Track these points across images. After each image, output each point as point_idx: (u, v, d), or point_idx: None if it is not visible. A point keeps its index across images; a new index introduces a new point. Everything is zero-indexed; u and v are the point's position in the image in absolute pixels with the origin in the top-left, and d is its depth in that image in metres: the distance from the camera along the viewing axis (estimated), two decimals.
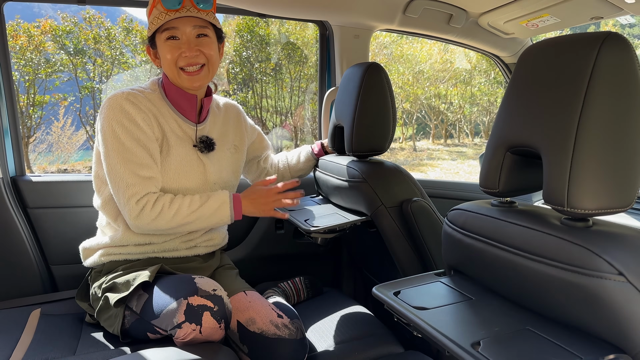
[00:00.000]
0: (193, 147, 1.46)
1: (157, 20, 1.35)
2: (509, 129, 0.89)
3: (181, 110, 1.47)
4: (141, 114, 1.37)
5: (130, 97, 1.37)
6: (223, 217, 1.39)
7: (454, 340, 0.78)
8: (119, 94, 1.38)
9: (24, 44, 8.01)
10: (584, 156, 0.74)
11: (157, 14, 1.35)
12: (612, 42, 0.75)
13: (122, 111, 1.35)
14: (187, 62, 1.37)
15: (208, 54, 1.40)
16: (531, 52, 0.89)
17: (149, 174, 1.35)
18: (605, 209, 0.75)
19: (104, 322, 1.39)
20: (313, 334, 1.60)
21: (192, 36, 1.37)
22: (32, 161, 8.38)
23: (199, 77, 1.40)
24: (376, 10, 1.99)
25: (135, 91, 1.41)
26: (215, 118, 1.58)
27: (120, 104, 1.35)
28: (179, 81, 1.41)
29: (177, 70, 1.39)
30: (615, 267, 0.70)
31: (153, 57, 1.45)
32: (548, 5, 1.72)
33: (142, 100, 1.39)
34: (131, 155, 1.33)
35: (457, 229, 1.00)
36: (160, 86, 1.48)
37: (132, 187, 1.32)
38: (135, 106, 1.36)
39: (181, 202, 1.36)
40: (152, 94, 1.45)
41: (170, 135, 1.43)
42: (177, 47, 1.37)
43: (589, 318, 0.75)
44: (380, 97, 1.54)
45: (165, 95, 1.47)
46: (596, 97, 0.74)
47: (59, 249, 1.84)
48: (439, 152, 12.30)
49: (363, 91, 1.54)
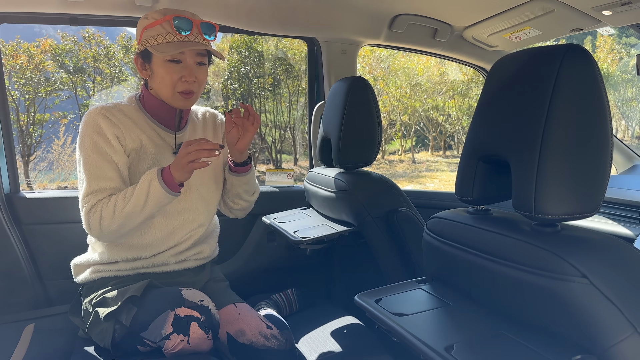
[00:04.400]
0: (173, 154, 1.48)
1: (162, 39, 1.35)
2: (480, 139, 0.92)
3: (159, 120, 1.48)
4: (112, 127, 1.38)
5: (104, 111, 1.40)
6: (159, 194, 1.30)
7: (428, 344, 0.80)
8: (94, 109, 1.41)
9: (24, 63, 8.10)
10: (549, 164, 0.77)
11: (162, 32, 1.35)
12: (573, 54, 0.79)
13: (94, 126, 1.38)
14: (184, 88, 1.39)
15: (200, 80, 1.42)
16: (501, 64, 0.93)
17: (109, 185, 1.36)
18: (571, 215, 0.78)
19: (95, 337, 1.40)
20: (304, 344, 1.61)
21: (193, 63, 1.39)
22: (33, 179, 8.41)
23: (191, 99, 1.43)
24: (362, 26, 2.04)
25: (110, 105, 1.44)
26: (195, 126, 1.58)
27: (94, 119, 1.38)
28: (171, 101, 1.42)
29: (173, 92, 1.40)
30: (579, 270, 0.72)
31: (141, 68, 1.44)
32: (529, 19, 1.76)
33: (116, 113, 1.41)
34: (95, 168, 1.36)
35: (435, 236, 1.02)
36: (138, 99, 1.50)
37: (87, 199, 1.35)
38: (108, 120, 1.38)
39: (117, 196, 1.33)
40: (129, 107, 1.47)
41: (148, 143, 1.44)
42: (178, 71, 1.37)
43: (557, 320, 0.77)
44: (365, 111, 1.58)
45: (144, 107, 1.48)
46: (559, 106, 0.77)
47: (52, 264, 1.86)
48: (438, 163, 12.33)
49: (349, 105, 1.57)
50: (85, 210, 1.35)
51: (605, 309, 0.71)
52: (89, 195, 1.35)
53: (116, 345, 1.35)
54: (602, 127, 0.78)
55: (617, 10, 1.58)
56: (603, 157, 0.78)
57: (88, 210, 1.34)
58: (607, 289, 0.71)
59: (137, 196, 1.30)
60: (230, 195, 1.60)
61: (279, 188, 2.20)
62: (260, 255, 2.10)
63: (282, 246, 2.12)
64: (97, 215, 1.32)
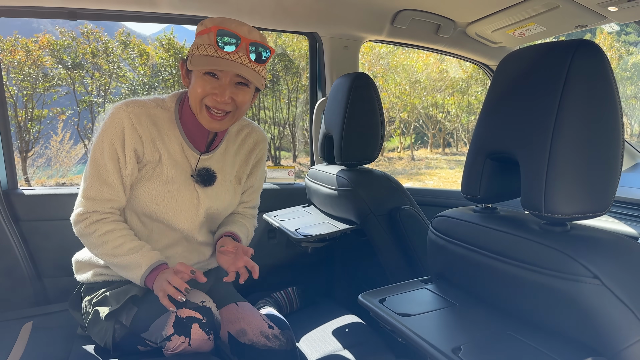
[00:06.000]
0: (191, 177, 1.38)
1: (204, 50, 1.23)
2: (487, 136, 0.90)
3: (190, 136, 1.37)
4: (134, 140, 1.30)
5: (132, 114, 1.30)
6: (134, 278, 1.28)
7: (435, 345, 0.79)
8: (124, 107, 1.30)
9: (22, 58, 8.07)
10: (559, 162, 0.75)
11: (206, 42, 1.23)
12: (584, 50, 0.77)
13: (117, 130, 1.29)
14: (215, 105, 1.26)
15: (240, 101, 1.28)
16: (509, 60, 0.91)
17: (109, 195, 1.31)
18: (581, 214, 0.76)
19: (94, 336, 1.39)
20: (305, 343, 1.60)
21: (232, 82, 1.26)
22: (31, 175, 8.39)
23: (220, 122, 1.30)
24: (365, 22, 2.01)
25: (142, 106, 1.33)
26: (228, 147, 1.45)
27: (120, 121, 1.29)
28: (199, 117, 1.30)
29: (201, 106, 1.28)
30: (590, 271, 0.71)
31: (184, 74, 1.33)
32: (533, 15, 1.74)
33: (144, 121, 1.31)
34: (104, 171, 1.30)
35: (440, 235, 1.01)
36: (179, 105, 1.38)
37: (84, 202, 1.31)
38: (133, 129, 1.29)
39: (114, 239, 1.29)
40: (162, 112, 1.36)
41: (167, 161, 1.34)
42: (211, 85, 1.24)
43: (567, 321, 0.75)
44: (368, 107, 1.56)
45: (180, 116, 1.37)
46: (570, 103, 0.75)
47: (50, 261, 1.85)
48: (437, 161, 12.33)
49: (351, 101, 1.55)
50: (79, 212, 1.31)
51: (617, 310, 0.70)
52: (88, 200, 1.31)
53: (116, 344, 1.33)
54: (614, 125, 0.77)
55: (623, 6, 1.56)
56: (614, 155, 0.77)
57: (82, 212, 1.31)
58: (619, 290, 0.70)
59: (121, 260, 1.28)
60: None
61: (280, 185, 2.18)
62: (261, 253, 2.08)
63: (283, 244, 2.10)
64: (86, 230, 1.30)
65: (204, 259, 1.50)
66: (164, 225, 1.38)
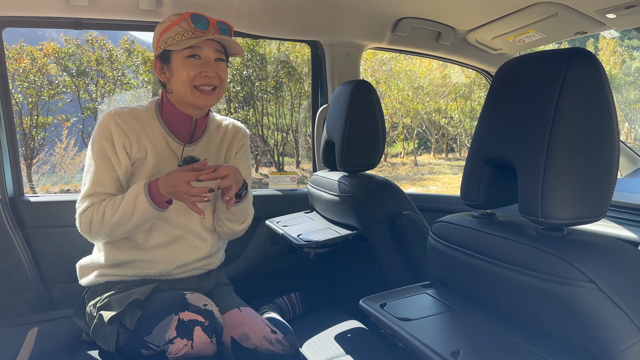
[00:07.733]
0: (178, 166, 1.46)
1: (181, 37, 1.36)
2: (485, 142, 0.92)
3: (173, 129, 1.47)
4: (122, 137, 1.40)
5: (116, 117, 1.41)
6: (145, 209, 1.32)
7: (434, 349, 0.80)
8: (109, 113, 1.42)
9: (27, 66, 8.13)
10: (555, 167, 0.76)
11: (180, 31, 1.37)
12: (579, 58, 0.78)
13: (105, 131, 1.40)
14: (205, 82, 1.39)
15: (222, 77, 1.43)
16: (506, 68, 0.93)
17: (105, 191, 1.39)
18: (578, 219, 0.77)
19: (99, 340, 1.41)
20: (308, 349, 1.61)
21: (212, 58, 1.40)
22: (36, 182, 8.43)
23: (212, 96, 1.42)
24: (366, 30, 2.04)
25: (125, 109, 1.44)
26: (210, 139, 1.56)
27: (106, 124, 1.40)
28: (190, 99, 1.40)
29: (191, 88, 1.39)
30: (586, 275, 0.72)
31: (159, 71, 1.44)
32: (533, 22, 1.76)
33: (128, 120, 1.42)
34: (97, 173, 1.39)
35: (440, 241, 1.02)
36: (157, 105, 1.50)
37: (82, 201, 1.39)
38: (119, 127, 1.40)
39: (107, 203, 1.35)
40: (145, 112, 1.47)
41: (152, 154, 1.43)
42: (197, 66, 1.38)
43: (564, 325, 0.76)
44: (369, 114, 1.58)
45: (160, 114, 1.48)
46: (566, 109, 0.77)
47: (56, 267, 1.87)
48: (441, 166, 12.31)
49: (352, 108, 1.57)
50: (79, 212, 1.39)
51: (613, 314, 0.71)
52: (85, 197, 1.39)
53: (120, 348, 1.35)
54: (609, 131, 0.78)
55: (622, 13, 1.58)
56: (610, 160, 0.78)
57: (80, 213, 1.38)
58: (615, 294, 0.71)
59: (124, 208, 1.32)
60: (214, 214, 1.56)
61: (282, 191, 2.20)
62: (264, 258, 2.10)
63: (285, 250, 2.12)
64: (87, 219, 1.36)
65: (204, 255, 1.53)
66: (161, 220, 1.44)
